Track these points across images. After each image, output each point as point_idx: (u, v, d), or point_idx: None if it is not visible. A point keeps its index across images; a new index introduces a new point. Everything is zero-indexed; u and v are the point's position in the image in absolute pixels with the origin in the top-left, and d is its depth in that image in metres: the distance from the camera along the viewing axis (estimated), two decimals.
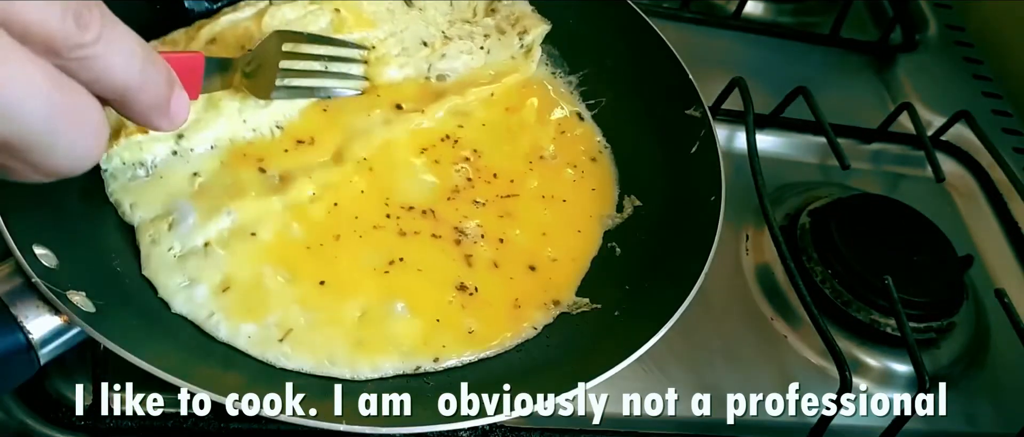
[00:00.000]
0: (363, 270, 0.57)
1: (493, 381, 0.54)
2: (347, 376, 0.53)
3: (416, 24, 0.68)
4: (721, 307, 0.70)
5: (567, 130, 0.69)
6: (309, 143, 0.61)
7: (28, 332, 0.44)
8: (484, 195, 0.63)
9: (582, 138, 0.69)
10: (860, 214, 0.75)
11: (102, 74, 0.34)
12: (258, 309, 0.54)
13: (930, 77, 0.95)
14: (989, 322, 0.75)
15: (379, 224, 0.60)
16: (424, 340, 0.55)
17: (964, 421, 0.70)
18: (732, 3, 0.93)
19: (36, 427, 0.54)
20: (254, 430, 0.56)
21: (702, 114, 0.67)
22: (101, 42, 0.33)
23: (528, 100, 0.70)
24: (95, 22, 0.33)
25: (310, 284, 0.55)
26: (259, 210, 0.57)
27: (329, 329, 0.54)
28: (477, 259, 0.60)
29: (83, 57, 0.33)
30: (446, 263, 0.59)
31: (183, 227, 0.55)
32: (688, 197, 0.64)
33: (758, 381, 0.67)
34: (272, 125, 0.61)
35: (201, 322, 0.53)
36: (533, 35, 0.70)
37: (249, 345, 0.53)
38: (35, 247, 0.47)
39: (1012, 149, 0.91)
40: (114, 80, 0.35)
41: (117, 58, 0.34)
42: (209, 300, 0.53)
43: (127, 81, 0.35)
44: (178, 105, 0.39)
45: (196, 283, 0.54)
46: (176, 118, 0.40)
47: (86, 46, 0.33)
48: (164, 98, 0.38)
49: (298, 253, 0.57)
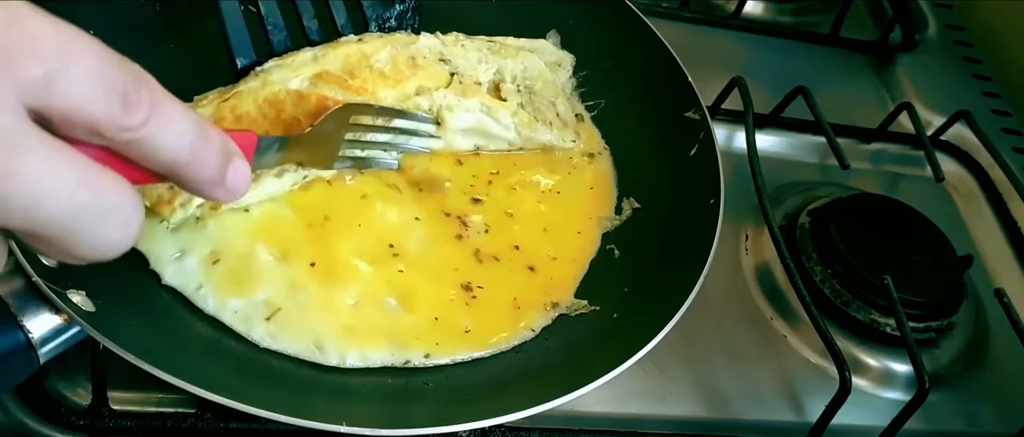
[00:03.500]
0: (361, 257, 0.57)
1: (491, 382, 0.54)
2: (333, 362, 0.53)
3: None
4: (721, 307, 0.70)
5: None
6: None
7: (28, 331, 0.44)
8: (485, 193, 0.63)
9: (581, 139, 0.69)
10: (860, 214, 0.75)
11: (149, 154, 0.33)
12: (247, 285, 0.54)
13: (930, 77, 0.95)
14: (988, 322, 0.76)
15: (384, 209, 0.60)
16: (417, 335, 0.55)
17: (964, 421, 0.70)
18: (732, 3, 0.93)
19: (36, 427, 0.54)
20: (254, 430, 0.56)
21: (701, 117, 0.67)
22: (148, 125, 0.31)
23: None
24: (143, 105, 0.31)
25: (302, 265, 0.56)
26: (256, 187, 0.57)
27: (319, 313, 0.54)
28: (482, 256, 0.60)
29: (129, 140, 0.31)
30: (451, 259, 0.59)
31: (179, 197, 0.54)
32: (687, 199, 0.64)
33: (758, 381, 0.67)
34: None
35: (190, 294, 0.53)
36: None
37: (235, 320, 0.53)
38: None
39: (1012, 149, 0.92)
40: (162, 159, 0.33)
41: (166, 138, 0.33)
42: (198, 272, 0.54)
43: (176, 159, 0.34)
44: (235, 178, 0.37)
45: (187, 254, 0.54)
46: (234, 191, 0.37)
47: (132, 130, 0.31)
48: (219, 172, 0.36)
49: (293, 231, 0.57)
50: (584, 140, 0.69)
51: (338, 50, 0.62)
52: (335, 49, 0.62)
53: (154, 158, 0.33)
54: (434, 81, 0.64)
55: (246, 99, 0.58)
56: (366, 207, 0.60)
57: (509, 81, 0.67)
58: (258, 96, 0.58)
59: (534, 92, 0.68)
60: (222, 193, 0.37)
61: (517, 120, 0.65)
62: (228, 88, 0.60)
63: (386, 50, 0.63)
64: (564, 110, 0.69)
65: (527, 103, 0.66)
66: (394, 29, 0.67)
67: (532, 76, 0.68)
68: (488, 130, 0.65)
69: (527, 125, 0.66)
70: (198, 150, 0.34)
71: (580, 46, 0.73)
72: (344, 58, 0.62)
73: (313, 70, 0.60)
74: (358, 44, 0.63)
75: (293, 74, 0.60)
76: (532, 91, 0.68)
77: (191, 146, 0.34)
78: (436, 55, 0.65)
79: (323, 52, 0.62)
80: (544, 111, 0.67)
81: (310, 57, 0.61)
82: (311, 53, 0.62)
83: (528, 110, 0.66)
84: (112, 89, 0.30)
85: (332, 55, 0.62)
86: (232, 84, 0.60)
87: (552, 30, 0.73)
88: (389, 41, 0.64)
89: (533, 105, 0.67)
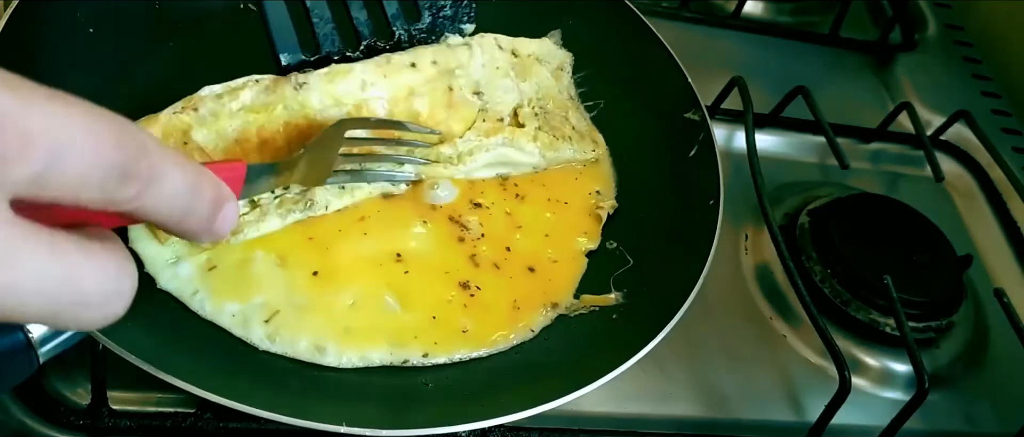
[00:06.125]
0: (362, 261, 0.57)
1: (491, 382, 0.54)
2: (332, 363, 0.53)
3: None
4: (720, 307, 0.70)
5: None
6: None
7: (28, 331, 0.44)
8: (489, 198, 0.63)
9: (600, 146, 0.69)
10: (859, 214, 0.75)
11: (140, 217, 0.31)
12: (244, 289, 0.54)
13: (929, 77, 0.96)
14: (988, 322, 0.76)
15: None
16: (415, 335, 0.55)
17: (963, 421, 0.70)
18: (731, 2, 0.93)
19: (35, 427, 0.54)
20: (253, 430, 0.56)
21: (701, 117, 0.67)
22: (145, 194, 0.30)
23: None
24: (139, 179, 0.29)
25: (303, 271, 0.56)
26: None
27: (317, 314, 0.54)
28: (481, 259, 0.60)
29: (120, 211, 0.30)
30: (450, 260, 0.59)
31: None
32: (687, 200, 0.64)
33: (757, 381, 0.67)
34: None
35: (185, 299, 0.53)
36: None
37: (233, 323, 0.53)
38: None
39: (1011, 148, 0.92)
40: (157, 218, 0.32)
41: (158, 204, 0.31)
42: (194, 278, 0.53)
43: (168, 219, 0.32)
44: (223, 224, 0.36)
45: (182, 260, 0.54)
46: (220, 234, 0.36)
47: (124, 203, 0.30)
48: (208, 223, 0.35)
49: (292, 239, 0.57)
50: (601, 146, 0.69)
51: (388, 79, 0.60)
52: (384, 76, 0.60)
53: (149, 217, 0.32)
54: (463, 122, 0.63)
55: (275, 121, 0.56)
56: (367, 220, 0.59)
57: (526, 105, 0.67)
58: (289, 120, 0.57)
59: (548, 111, 0.67)
60: (207, 237, 0.36)
61: (539, 144, 0.65)
62: (269, 91, 0.57)
63: (427, 87, 0.61)
64: (577, 121, 0.69)
65: (544, 124, 0.66)
66: (449, 20, 0.64)
67: (545, 96, 0.68)
68: (511, 159, 0.65)
69: (549, 147, 0.65)
70: (190, 207, 0.33)
71: (580, 46, 0.72)
72: (392, 91, 0.60)
73: (356, 100, 0.58)
74: (410, 70, 0.61)
75: (335, 105, 0.57)
76: (545, 110, 0.67)
77: (184, 206, 0.32)
78: (472, 86, 0.64)
79: (372, 79, 0.59)
80: (560, 127, 0.67)
81: (358, 84, 0.59)
82: (360, 78, 0.59)
83: (546, 130, 0.66)
84: (108, 174, 0.28)
85: (382, 85, 0.59)
86: (272, 78, 0.57)
87: (554, 30, 0.73)
88: (439, 67, 0.62)
89: (549, 124, 0.66)
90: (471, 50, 0.65)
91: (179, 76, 0.64)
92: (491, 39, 0.67)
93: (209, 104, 0.57)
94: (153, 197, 0.30)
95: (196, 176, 0.33)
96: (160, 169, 0.30)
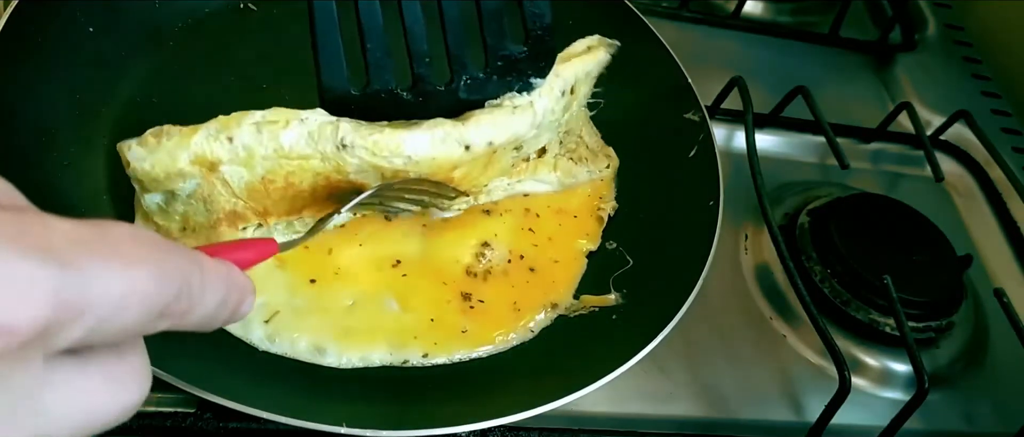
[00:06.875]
0: (362, 262, 0.57)
1: (491, 382, 0.54)
2: (332, 363, 0.53)
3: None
4: (720, 306, 0.70)
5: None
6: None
7: None
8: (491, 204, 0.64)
9: (613, 159, 0.69)
10: (859, 214, 0.75)
11: (181, 328, 0.31)
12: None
13: (929, 77, 0.95)
14: (988, 322, 0.76)
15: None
16: (415, 335, 0.55)
17: (963, 421, 0.70)
18: (731, 2, 0.93)
19: None
20: (253, 430, 0.56)
21: (701, 118, 0.67)
22: (188, 314, 0.30)
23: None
24: (177, 314, 0.29)
25: (302, 276, 0.56)
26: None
27: (317, 315, 0.54)
28: (485, 267, 0.60)
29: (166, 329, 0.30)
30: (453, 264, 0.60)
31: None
32: (686, 201, 0.64)
33: (757, 381, 0.67)
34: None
35: None
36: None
37: (233, 324, 0.52)
38: None
39: (1011, 148, 0.92)
40: (192, 327, 0.32)
41: (191, 323, 0.31)
42: None
43: (202, 323, 0.32)
44: (242, 313, 0.36)
45: None
46: (239, 318, 0.36)
47: (171, 326, 0.30)
48: (229, 319, 0.35)
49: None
50: (615, 160, 0.69)
51: (436, 160, 0.55)
52: (433, 157, 0.55)
53: (185, 328, 0.31)
54: (496, 173, 0.62)
55: (307, 169, 0.54)
56: (369, 225, 0.60)
57: (556, 135, 0.66)
58: (321, 171, 0.54)
59: (566, 131, 0.67)
60: (223, 324, 0.35)
61: (559, 172, 0.65)
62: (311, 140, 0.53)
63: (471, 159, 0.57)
64: (590, 139, 0.69)
65: (562, 150, 0.66)
66: (523, 74, 0.58)
67: (570, 118, 0.67)
68: (528, 189, 0.65)
69: (568, 173, 0.65)
70: (222, 307, 0.33)
71: None
72: (435, 167, 0.56)
73: (395, 169, 0.54)
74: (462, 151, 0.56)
75: (373, 170, 0.54)
76: (565, 131, 0.67)
77: (211, 317, 0.32)
78: (516, 142, 0.60)
79: (419, 156, 0.54)
80: (576, 150, 0.67)
81: (403, 160, 0.54)
82: (407, 155, 0.54)
83: (563, 154, 0.66)
84: (147, 318, 0.28)
85: (427, 163, 0.55)
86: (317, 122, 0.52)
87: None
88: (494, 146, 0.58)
89: (565, 147, 0.66)
90: (534, 111, 0.59)
91: (179, 76, 0.64)
92: (557, 86, 0.60)
93: (246, 135, 0.52)
94: (184, 322, 0.31)
95: (226, 291, 0.33)
96: (198, 299, 0.30)
